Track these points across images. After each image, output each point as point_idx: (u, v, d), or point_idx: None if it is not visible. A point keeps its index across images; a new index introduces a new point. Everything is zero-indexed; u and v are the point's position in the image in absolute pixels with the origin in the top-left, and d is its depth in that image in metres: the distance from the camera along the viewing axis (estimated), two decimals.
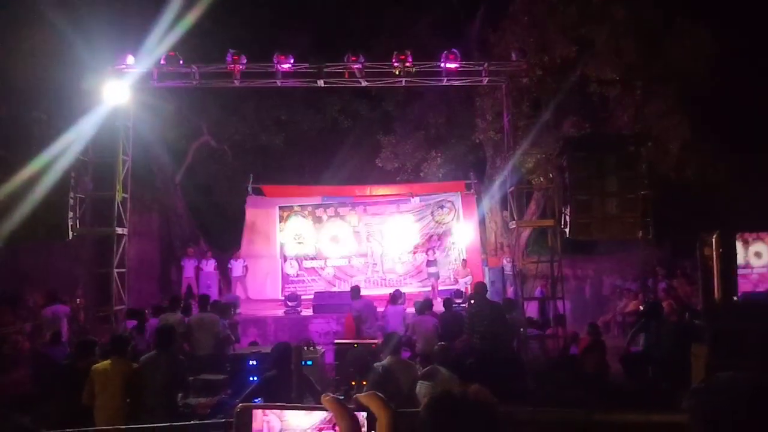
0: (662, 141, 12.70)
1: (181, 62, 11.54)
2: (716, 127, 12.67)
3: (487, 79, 12.06)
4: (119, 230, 11.28)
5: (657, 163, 12.49)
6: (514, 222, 12.21)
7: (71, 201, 10.09)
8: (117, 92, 11.06)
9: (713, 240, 9.66)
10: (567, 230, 10.85)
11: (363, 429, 1.03)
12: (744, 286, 10.88)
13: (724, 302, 9.00)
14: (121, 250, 11.35)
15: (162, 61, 11.42)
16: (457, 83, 12.44)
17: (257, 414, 1.04)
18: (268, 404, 1.05)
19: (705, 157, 12.87)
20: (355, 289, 11.17)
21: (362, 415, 1.04)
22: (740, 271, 10.79)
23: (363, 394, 1.06)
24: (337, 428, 1.03)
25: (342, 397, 1.05)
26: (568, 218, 10.78)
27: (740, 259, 10.91)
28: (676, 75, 12.39)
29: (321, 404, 1.04)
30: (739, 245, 10.94)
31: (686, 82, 12.34)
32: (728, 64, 12.25)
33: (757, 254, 12.37)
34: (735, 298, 9.82)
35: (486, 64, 12.01)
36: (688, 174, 13.09)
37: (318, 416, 1.04)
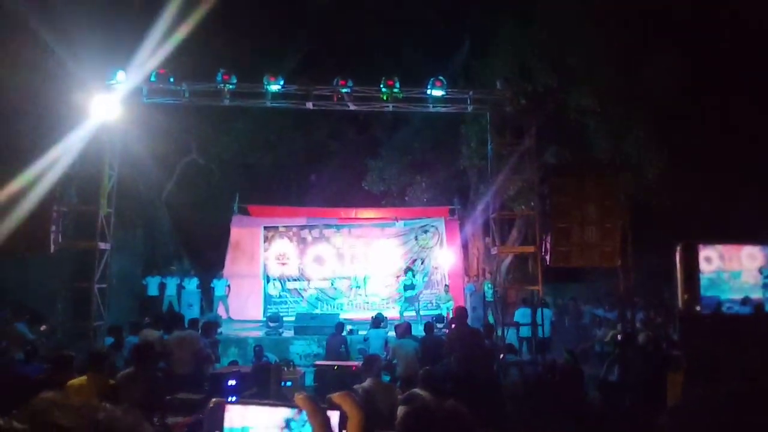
0: (641, 169, 12.98)
1: (171, 80, 11.63)
2: (692, 150, 12.99)
3: (471, 107, 12.29)
4: (102, 245, 11.22)
5: (636, 190, 12.74)
6: (495, 248, 12.33)
7: (54, 214, 10.06)
8: (106, 107, 11.10)
9: (676, 252, 9.99)
10: (547, 257, 10.99)
11: (335, 428, 1.09)
12: None
13: (697, 325, 9.18)
14: (102, 265, 11.28)
15: (152, 78, 11.51)
16: (442, 110, 12.66)
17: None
18: (243, 400, 1.11)
19: (682, 181, 13.16)
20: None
21: (335, 414, 1.10)
22: None
23: (336, 394, 1.12)
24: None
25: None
26: (548, 245, 10.93)
27: None
28: (653, 98, 12.70)
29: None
30: None
31: (662, 106, 12.65)
32: (699, 85, 12.62)
33: (707, 259, 12.88)
34: (698, 307, 10.12)
35: (471, 93, 12.25)
36: (666, 200, 13.36)
37: (282, 413, 1.11)
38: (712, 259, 12.91)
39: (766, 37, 12.29)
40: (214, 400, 1.15)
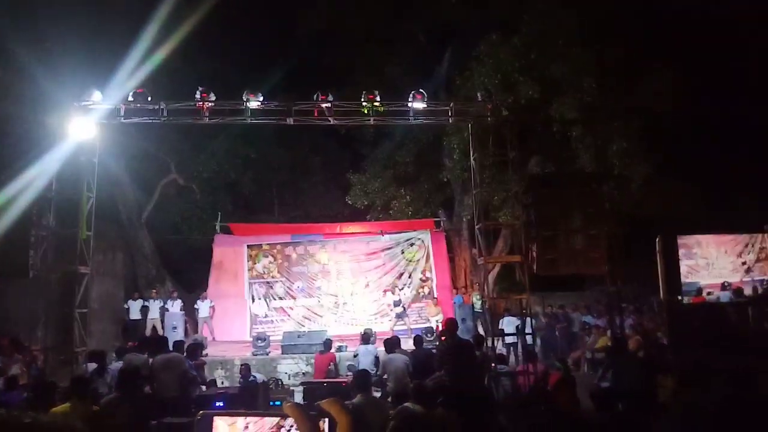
0: (625, 179, 13.10)
1: (149, 99, 11.47)
2: (679, 163, 13.20)
3: (453, 119, 12.31)
4: (82, 269, 10.98)
5: (620, 200, 12.84)
6: (482, 258, 12.32)
7: (33, 239, 9.83)
8: (82, 128, 10.91)
9: (656, 244, 10.21)
10: (534, 266, 10.98)
11: None
12: None
13: (684, 317, 9.31)
14: (83, 289, 11.03)
15: (130, 98, 11.34)
16: (424, 122, 12.66)
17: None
18: (230, 411, 1.07)
19: (668, 193, 13.33)
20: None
21: (324, 421, 1.07)
22: None
23: (324, 401, 1.10)
24: None
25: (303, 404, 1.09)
26: (534, 254, 10.93)
27: None
28: (641, 112, 12.88)
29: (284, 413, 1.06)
30: None
31: (650, 119, 12.83)
32: (683, 96, 12.88)
33: (686, 247, 13.47)
34: (679, 297, 10.37)
35: (452, 105, 12.28)
36: (651, 211, 13.49)
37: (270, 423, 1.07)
38: (690, 246, 13.45)
39: (749, 54, 12.61)
40: (201, 412, 1.08)
